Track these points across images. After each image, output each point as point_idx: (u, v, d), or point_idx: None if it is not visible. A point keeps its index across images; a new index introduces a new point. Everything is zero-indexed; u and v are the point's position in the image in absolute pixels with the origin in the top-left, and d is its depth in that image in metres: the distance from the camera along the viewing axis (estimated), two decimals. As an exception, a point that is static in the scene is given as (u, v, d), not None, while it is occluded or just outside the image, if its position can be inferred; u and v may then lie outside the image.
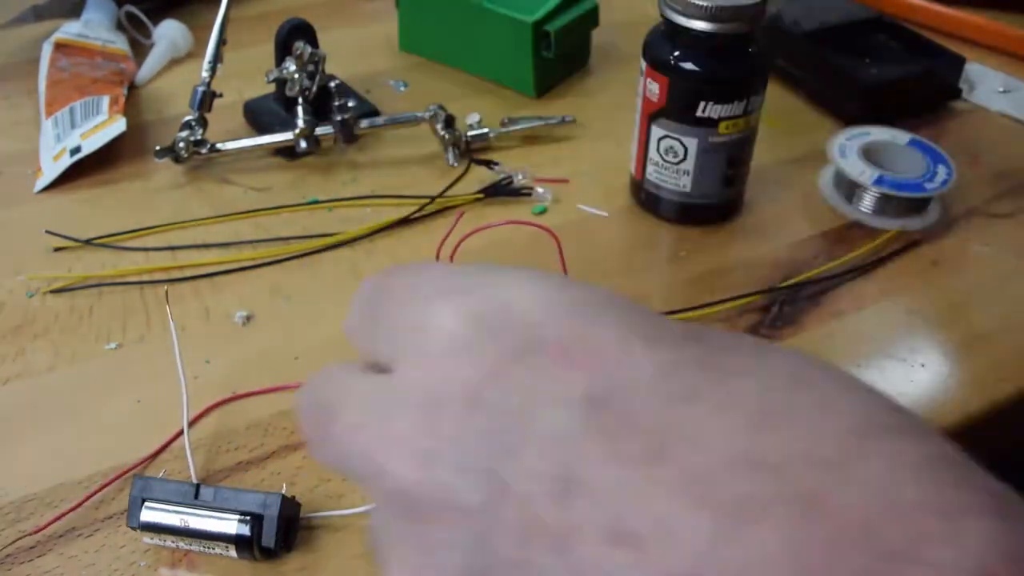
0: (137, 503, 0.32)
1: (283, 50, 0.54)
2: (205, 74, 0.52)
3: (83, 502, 0.34)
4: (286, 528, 0.33)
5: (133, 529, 0.32)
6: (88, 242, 0.47)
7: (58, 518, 0.33)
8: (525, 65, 0.60)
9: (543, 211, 0.51)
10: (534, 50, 0.59)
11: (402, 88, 0.63)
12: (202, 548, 0.32)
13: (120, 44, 0.64)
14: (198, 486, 0.32)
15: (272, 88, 0.57)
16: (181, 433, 0.36)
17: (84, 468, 0.36)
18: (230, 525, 0.31)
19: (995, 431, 0.42)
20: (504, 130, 0.56)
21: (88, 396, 0.39)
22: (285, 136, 0.53)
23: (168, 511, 0.32)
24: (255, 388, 0.39)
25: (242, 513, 0.32)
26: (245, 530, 0.31)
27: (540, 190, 0.52)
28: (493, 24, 0.59)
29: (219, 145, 0.52)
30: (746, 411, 0.17)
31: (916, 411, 0.39)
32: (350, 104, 0.54)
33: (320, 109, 0.54)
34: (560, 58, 0.60)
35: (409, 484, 0.19)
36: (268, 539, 0.32)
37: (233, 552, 0.32)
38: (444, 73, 0.64)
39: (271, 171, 0.54)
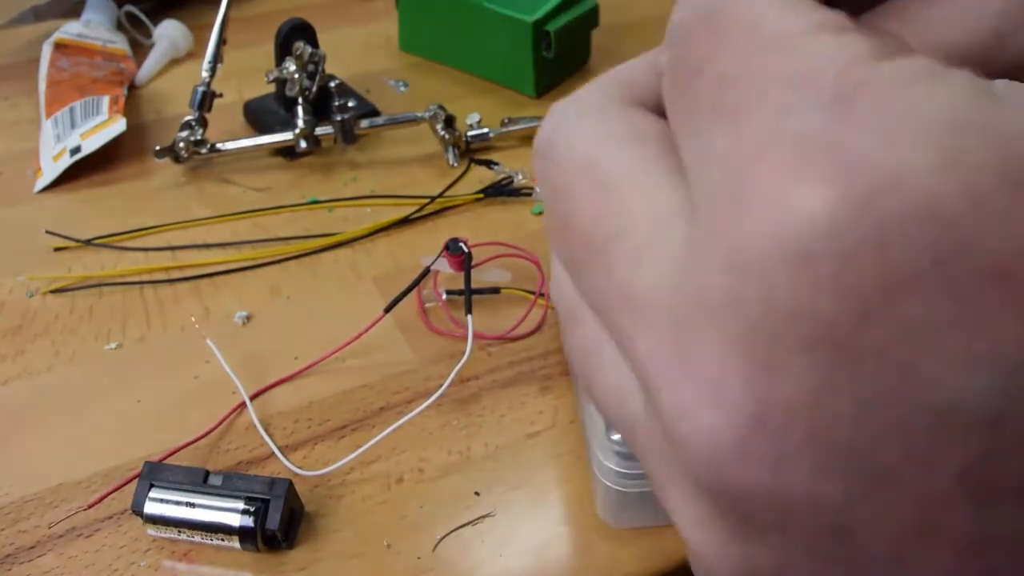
0: (145, 487, 0.32)
1: (283, 50, 0.54)
2: (205, 74, 0.52)
3: (103, 498, 0.34)
4: (288, 521, 0.33)
5: (137, 514, 0.32)
6: (88, 242, 0.47)
7: (104, 497, 0.33)
8: (525, 65, 0.60)
9: (543, 211, 0.51)
10: (534, 50, 0.59)
11: (402, 88, 0.63)
12: (204, 539, 0.32)
13: (120, 44, 0.63)
14: (207, 472, 0.32)
15: (272, 88, 0.57)
16: (190, 444, 0.36)
17: (84, 468, 0.36)
18: (234, 517, 0.32)
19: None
20: (504, 130, 0.56)
21: (88, 396, 0.39)
22: (285, 136, 0.53)
23: (174, 499, 0.32)
24: (255, 388, 0.39)
25: (249, 497, 0.32)
26: (248, 521, 0.31)
27: (540, 190, 0.52)
28: (493, 24, 0.59)
29: (219, 145, 0.52)
30: None
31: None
32: (350, 104, 0.54)
33: (320, 109, 0.54)
34: (560, 58, 0.60)
35: None
36: (272, 522, 0.32)
37: (236, 543, 0.32)
38: (444, 73, 0.64)
39: (271, 171, 0.54)
